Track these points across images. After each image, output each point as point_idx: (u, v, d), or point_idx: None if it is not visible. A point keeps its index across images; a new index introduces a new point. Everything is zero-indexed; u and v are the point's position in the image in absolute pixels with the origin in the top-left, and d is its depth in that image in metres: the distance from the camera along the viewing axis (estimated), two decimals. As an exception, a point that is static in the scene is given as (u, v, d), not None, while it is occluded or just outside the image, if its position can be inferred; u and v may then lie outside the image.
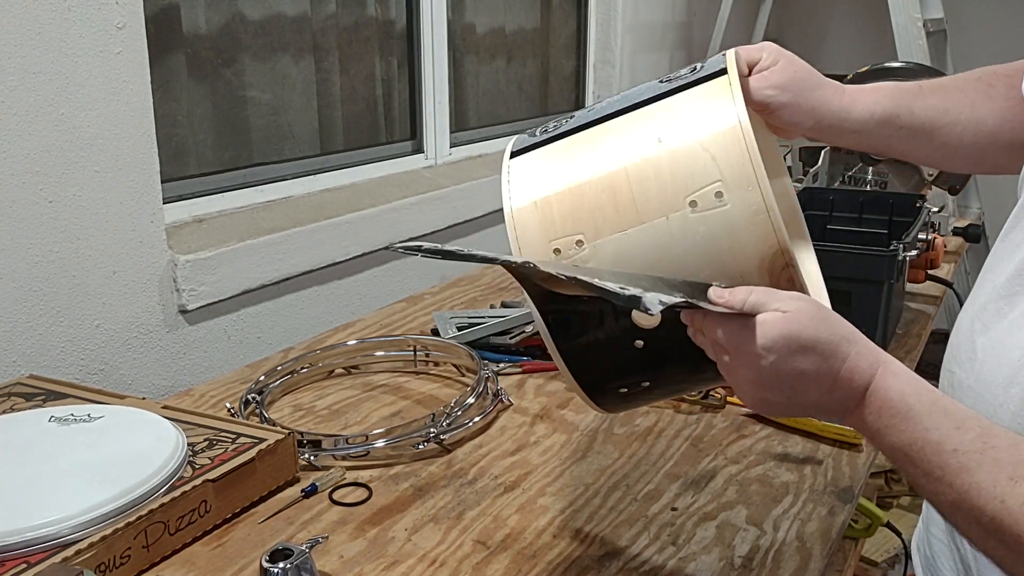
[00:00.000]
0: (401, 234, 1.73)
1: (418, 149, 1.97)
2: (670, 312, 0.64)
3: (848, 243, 1.02)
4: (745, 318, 0.63)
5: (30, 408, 1.01)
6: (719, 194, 0.67)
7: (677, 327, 0.68)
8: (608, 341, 0.71)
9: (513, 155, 0.78)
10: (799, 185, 2.07)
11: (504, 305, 1.46)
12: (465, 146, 2.09)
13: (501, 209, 0.75)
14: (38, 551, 0.76)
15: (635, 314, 0.69)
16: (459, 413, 1.05)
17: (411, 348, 1.27)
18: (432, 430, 1.02)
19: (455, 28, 2.04)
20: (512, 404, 1.15)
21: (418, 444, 1.01)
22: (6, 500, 0.81)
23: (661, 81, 0.75)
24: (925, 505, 0.90)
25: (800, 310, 0.62)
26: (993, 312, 0.74)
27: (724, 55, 0.74)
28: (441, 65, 1.95)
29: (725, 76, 0.71)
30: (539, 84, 2.41)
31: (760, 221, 0.66)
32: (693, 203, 0.68)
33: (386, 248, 1.71)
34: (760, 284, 0.66)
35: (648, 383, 0.75)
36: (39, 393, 1.05)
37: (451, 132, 2.03)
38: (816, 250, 0.89)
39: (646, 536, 0.87)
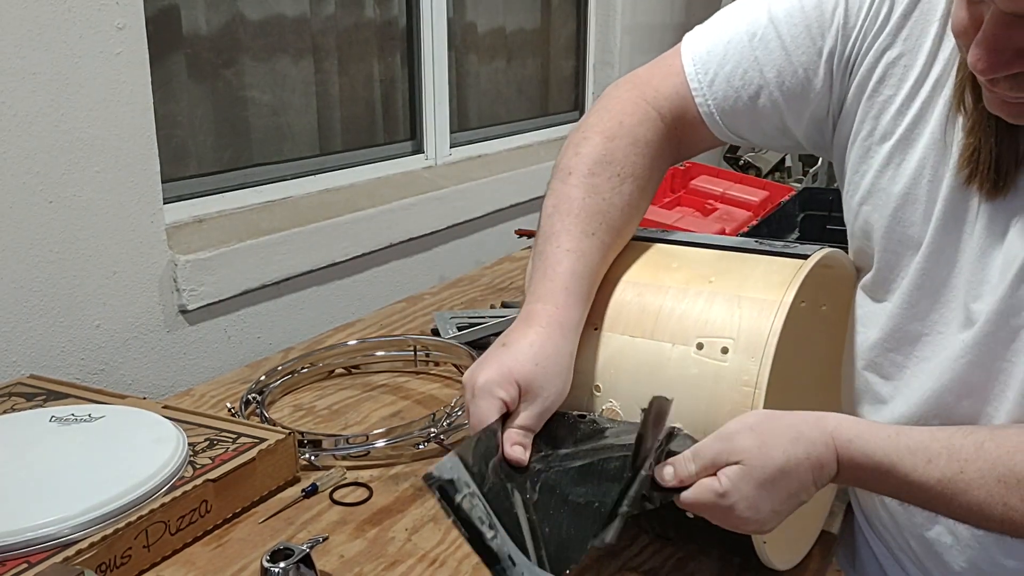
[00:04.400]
0: (401, 234, 1.73)
1: (418, 149, 1.97)
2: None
3: (848, 243, 1.02)
4: (712, 491, 0.64)
5: (31, 408, 1.01)
6: (725, 350, 0.70)
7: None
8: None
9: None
10: (798, 185, 2.07)
11: (504, 305, 1.47)
12: (465, 146, 2.09)
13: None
14: (39, 551, 0.76)
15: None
16: (459, 413, 1.05)
17: (411, 348, 1.27)
18: (432, 430, 1.02)
19: (455, 28, 2.04)
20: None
21: (418, 444, 1.01)
22: (7, 500, 0.81)
23: (757, 240, 0.81)
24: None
25: (748, 448, 0.63)
26: (887, 364, 0.78)
27: (822, 248, 0.78)
28: (441, 65, 1.95)
29: (802, 261, 0.75)
30: (539, 85, 2.42)
31: (745, 392, 0.69)
32: (700, 345, 0.72)
33: (388, 246, 1.71)
34: None
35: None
36: (40, 393, 1.06)
37: (451, 132, 2.03)
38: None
39: (645, 536, 0.87)
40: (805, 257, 0.76)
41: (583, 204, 0.77)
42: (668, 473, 0.65)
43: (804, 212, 1.65)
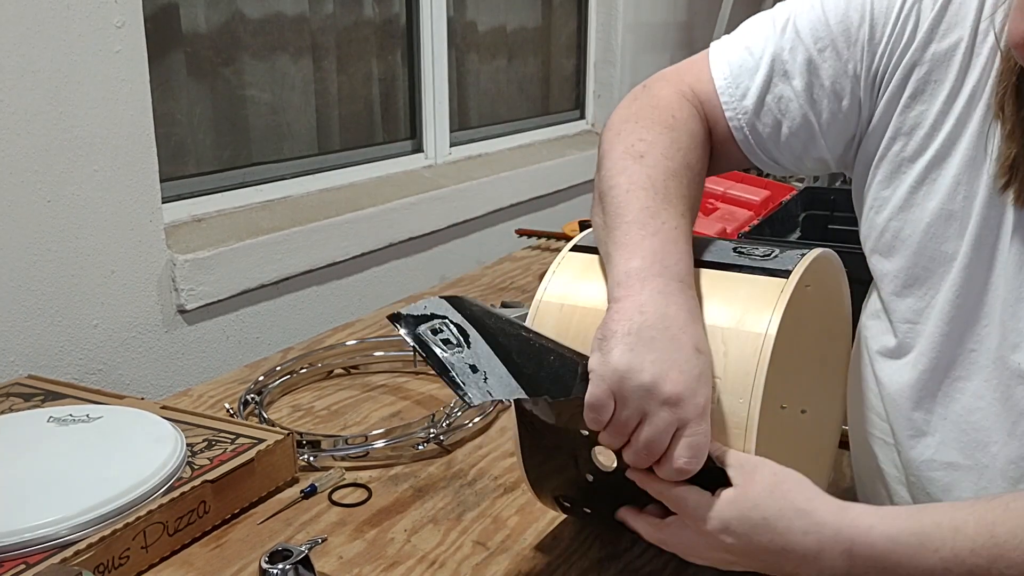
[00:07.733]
0: (401, 234, 1.73)
1: (418, 148, 1.96)
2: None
3: (849, 243, 1.02)
4: (701, 495, 0.63)
5: (29, 408, 1.01)
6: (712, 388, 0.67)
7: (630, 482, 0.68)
8: (566, 459, 0.72)
9: (575, 248, 0.79)
10: (799, 185, 2.07)
11: (504, 305, 1.46)
12: (465, 145, 2.08)
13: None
14: (37, 552, 0.75)
15: (595, 452, 0.69)
16: (459, 414, 1.05)
17: (411, 348, 1.26)
18: (432, 431, 1.02)
19: (455, 27, 2.04)
20: (512, 404, 1.14)
21: (418, 445, 1.01)
22: (5, 500, 0.81)
23: (734, 249, 0.77)
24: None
25: (758, 482, 0.63)
26: (923, 390, 0.75)
27: (804, 254, 0.75)
28: (441, 64, 1.95)
29: (785, 280, 0.71)
30: (540, 84, 2.41)
31: (735, 433, 0.66)
32: None
33: (385, 248, 1.71)
34: None
35: (590, 511, 0.78)
36: (38, 393, 1.05)
37: (451, 131, 2.02)
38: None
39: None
40: (786, 274, 0.72)
41: (666, 186, 0.75)
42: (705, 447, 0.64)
43: (806, 212, 1.65)
